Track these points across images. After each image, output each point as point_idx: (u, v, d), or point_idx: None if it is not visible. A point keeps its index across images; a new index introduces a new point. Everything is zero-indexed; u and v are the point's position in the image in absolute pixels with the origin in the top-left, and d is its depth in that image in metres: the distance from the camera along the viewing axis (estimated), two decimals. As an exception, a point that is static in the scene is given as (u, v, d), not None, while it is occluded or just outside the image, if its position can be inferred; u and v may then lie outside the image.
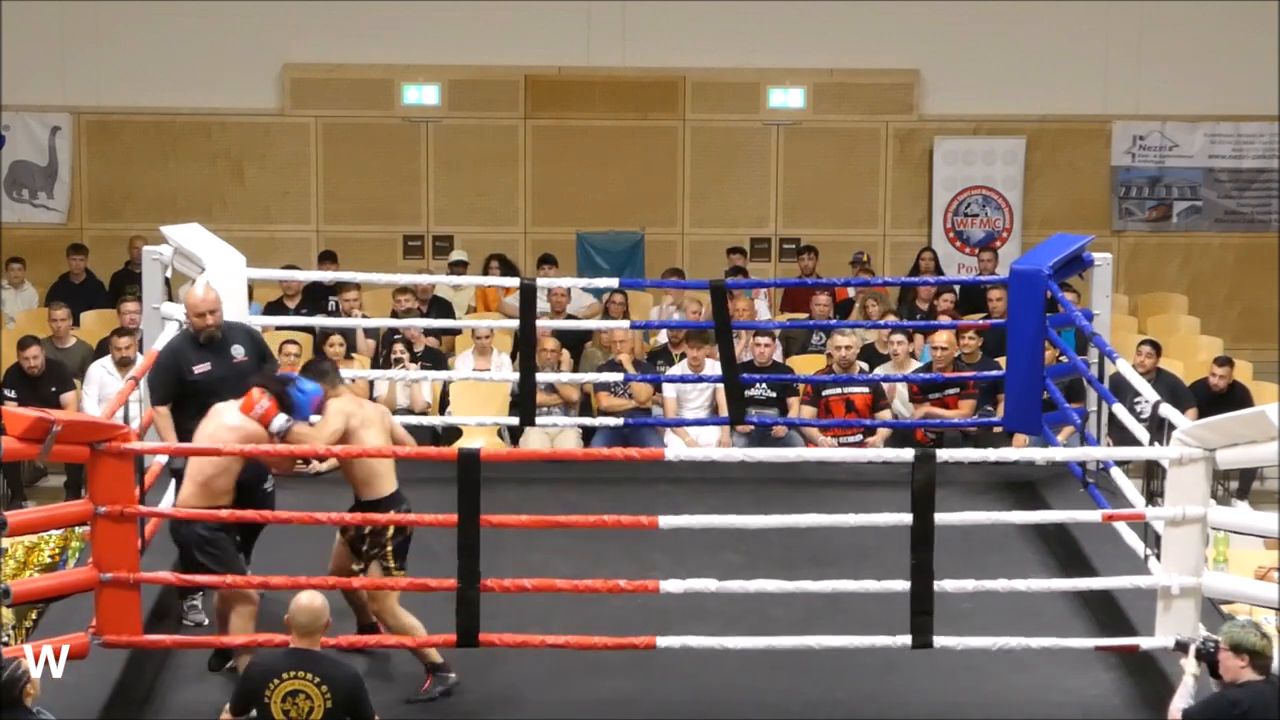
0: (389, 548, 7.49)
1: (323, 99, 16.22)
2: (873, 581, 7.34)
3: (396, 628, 7.41)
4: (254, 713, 6.48)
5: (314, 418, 7.62)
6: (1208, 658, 6.49)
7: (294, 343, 11.80)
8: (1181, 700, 6.50)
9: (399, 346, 11.70)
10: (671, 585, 7.27)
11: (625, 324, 11.70)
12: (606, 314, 13.27)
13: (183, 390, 8.21)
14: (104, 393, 11.49)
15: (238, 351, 8.31)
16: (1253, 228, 16.53)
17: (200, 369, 8.23)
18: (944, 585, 7.23)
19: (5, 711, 6.11)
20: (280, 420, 7.43)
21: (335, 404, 7.58)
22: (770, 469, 9.74)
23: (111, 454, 6.98)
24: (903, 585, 7.24)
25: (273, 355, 8.80)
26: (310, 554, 7.96)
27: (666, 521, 7.29)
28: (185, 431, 7.95)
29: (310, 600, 6.61)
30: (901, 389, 11.35)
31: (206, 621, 7.94)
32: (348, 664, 6.74)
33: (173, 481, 9.06)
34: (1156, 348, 12.08)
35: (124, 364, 11.58)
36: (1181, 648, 6.90)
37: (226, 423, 7.49)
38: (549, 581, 7.35)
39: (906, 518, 7.20)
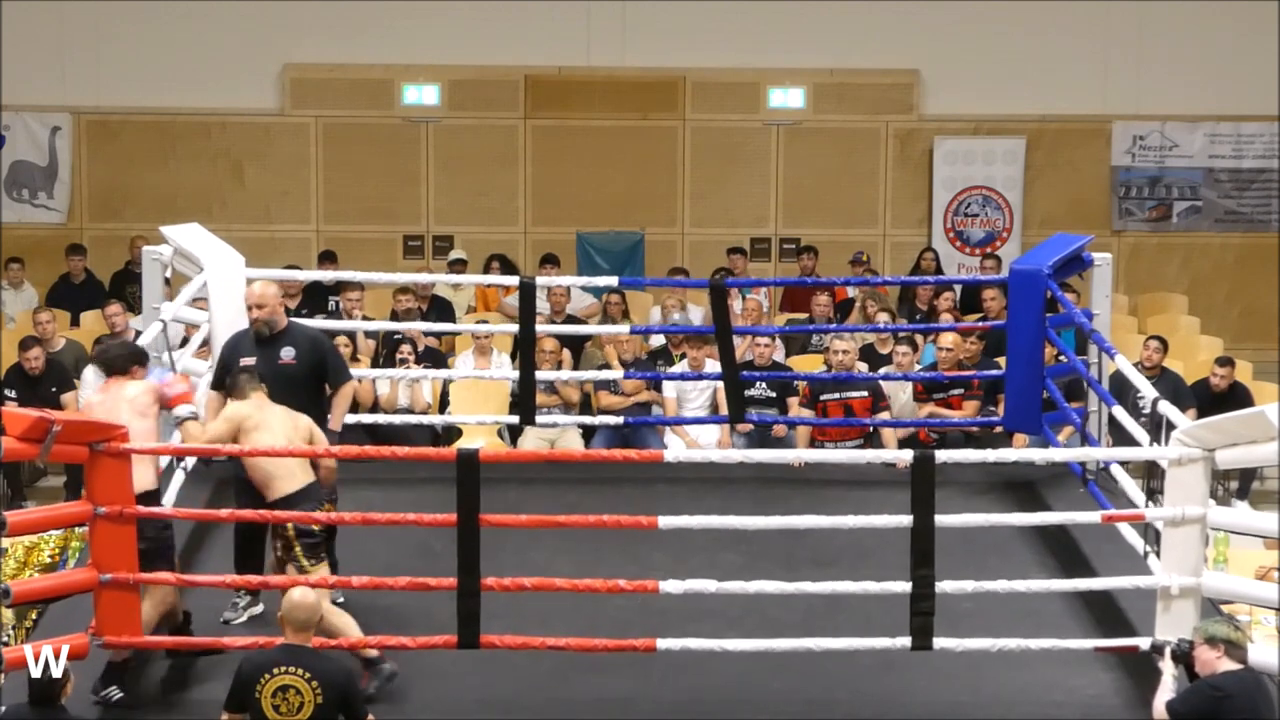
0: (295, 548, 7.46)
1: (323, 99, 16.22)
2: (873, 583, 7.35)
3: (328, 629, 7.22)
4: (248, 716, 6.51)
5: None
6: (1183, 658, 6.53)
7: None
8: (1164, 696, 6.53)
9: (405, 348, 11.71)
10: (671, 586, 7.27)
11: (625, 328, 11.72)
12: (606, 314, 13.28)
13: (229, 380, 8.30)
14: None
15: (286, 353, 8.26)
16: (1253, 228, 16.53)
17: (245, 362, 8.26)
18: (944, 586, 7.23)
19: (43, 709, 6.16)
20: (185, 409, 7.58)
21: (231, 408, 7.67)
22: (770, 469, 9.75)
23: (110, 454, 6.98)
24: (903, 586, 7.24)
25: (337, 366, 8.50)
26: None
27: (666, 522, 7.30)
28: None
29: (304, 596, 6.63)
30: (907, 392, 11.34)
31: (243, 620, 7.99)
32: (339, 660, 6.74)
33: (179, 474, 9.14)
34: (1164, 344, 12.08)
35: (110, 369, 11.58)
36: (1157, 650, 6.93)
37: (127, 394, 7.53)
38: (549, 580, 7.36)
39: (906, 519, 7.21)
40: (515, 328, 10.78)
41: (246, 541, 8.03)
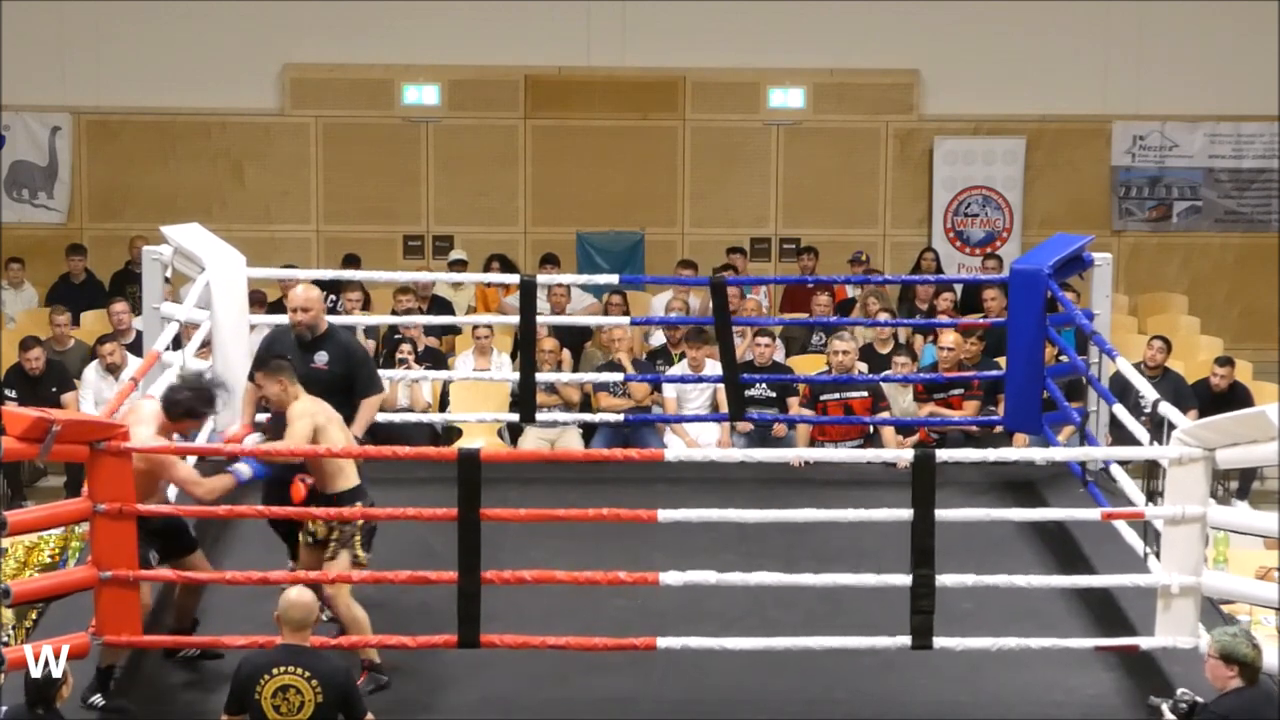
0: (358, 537, 7.52)
1: (323, 99, 16.22)
2: (872, 577, 7.35)
3: (347, 618, 7.42)
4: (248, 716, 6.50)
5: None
6: (1184, 717, 6.48)
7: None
8: None
9: (405, 347, 11.71)
10: (671, 577, 7.28)
11: (625, 320, 11.71)
12: (606, 315, 13.27)
13: None
14: (99, 396, 11.50)
15: (320, 358, 8.30)
16: (1253, 228, 16.53)
17: None
18: (944, 581, 7.23)
19: (39, 711, 6.15)
20: (242, 469, 7.51)
21: (299, 406, 7.62)
22: (770, 469, 9.76)
23: (111, 453, 6.98)
24: (903, 584, 7.24)
25: (368, 377, 8.50)
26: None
27: (666, 515, 7.31)
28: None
29: (301, 595, 6.64)
30: (908, 395, 11.33)
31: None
32: (339, 659, 6.74)
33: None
34: (1167, 344, 12.07)
35: (112, 369, 11.58)
36: (1154, 710, 6.88)
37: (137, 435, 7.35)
38: (549, 573, 7.36)
39: (906, 514, 7.21)
40: (515, 319, 10.77)
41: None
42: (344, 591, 7.44)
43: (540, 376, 10.73)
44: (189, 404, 7.53)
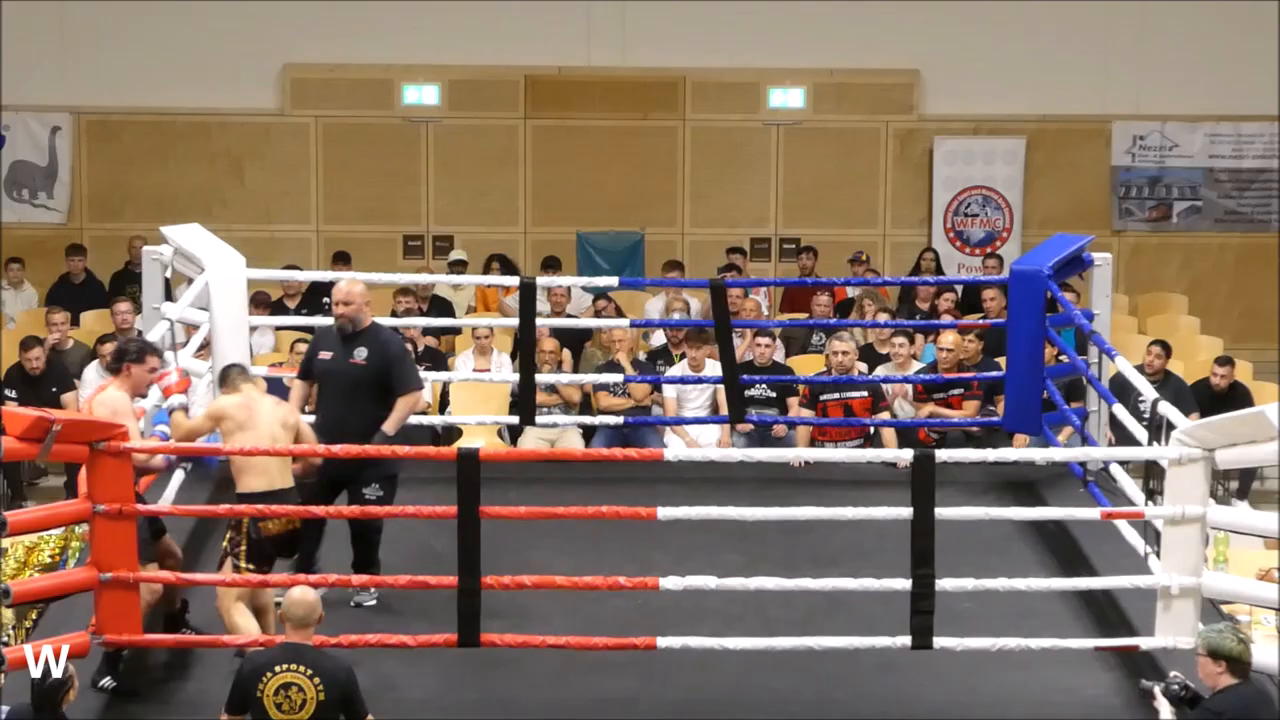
0: (243, 547, 7.51)
1: (323, 99, 16.22)
2: (873, 580, 7.36)
3: (229, 626, 7.42)
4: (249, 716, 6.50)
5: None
6: (1177, 700, 6.48)
7: (304, 341, 11.75)
8: None
9: (406, 347, 11.68)
10: (671, 582, 7.28)
11: (625, 322, 11.71)
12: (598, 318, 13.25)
13: (311, 371, 8.54)
14: (100, 396, 11.48)
15: (359, 354, 8.33)
16: (1253, 228, 16.53)
17: (323, 355, 8.44)
18: (944, 585, 7.24)
19: (44, 715, 6.14)
20: (176, 399, 7.88)
21: (214, 403, 7.78)
22: (770, 469, 9.76)
23: (110, 453, 6.98)
24: (903, 585, 7.25)
25: (404, 373, 8.47)
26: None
27: (665, 512, 7.31)
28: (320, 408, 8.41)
29: (304, 594, 6.65)
30: (906, 391, 11.33)
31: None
32: (341, 658, 6.75)
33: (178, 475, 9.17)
34: (1167, 349, 12.04)
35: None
36: (1146, 694, 6.87)
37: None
38: (549, 578, 7.37)
39: (906, 512, 7.21)
40: (514, 323, 10.77)
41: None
42: (230, 596, 7.43)
43: (540, 377, 10.73)
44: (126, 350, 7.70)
